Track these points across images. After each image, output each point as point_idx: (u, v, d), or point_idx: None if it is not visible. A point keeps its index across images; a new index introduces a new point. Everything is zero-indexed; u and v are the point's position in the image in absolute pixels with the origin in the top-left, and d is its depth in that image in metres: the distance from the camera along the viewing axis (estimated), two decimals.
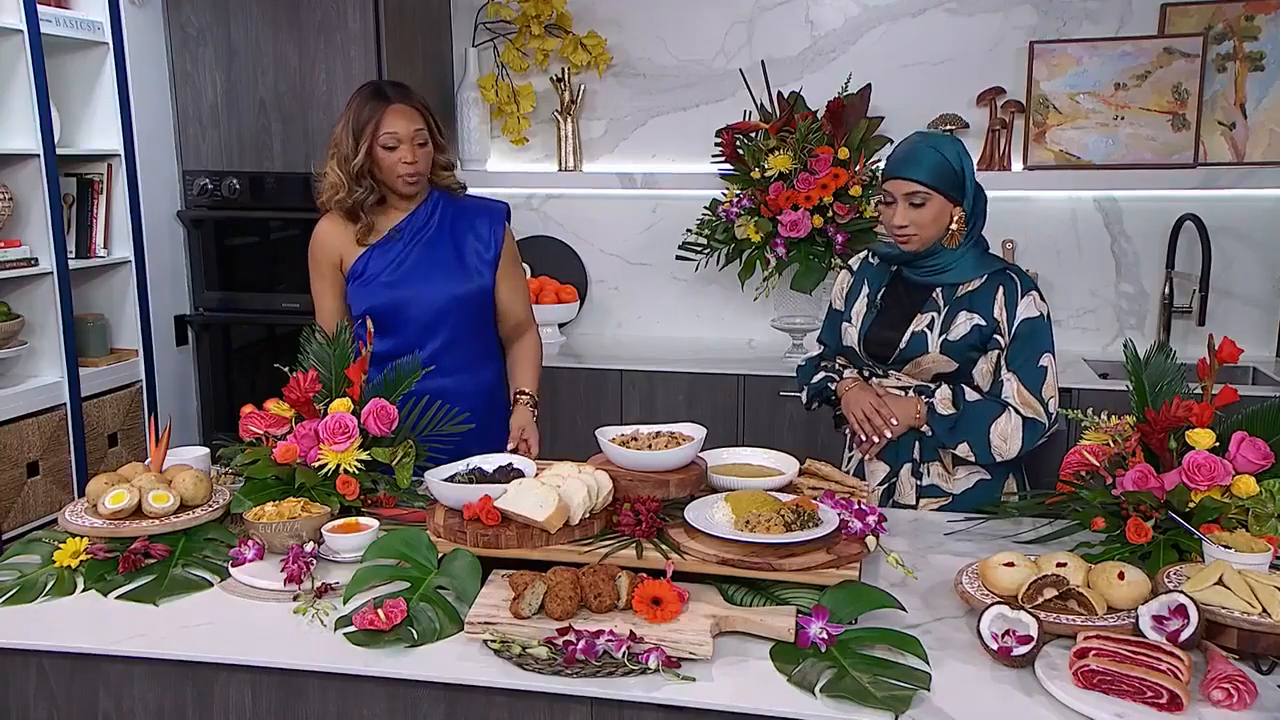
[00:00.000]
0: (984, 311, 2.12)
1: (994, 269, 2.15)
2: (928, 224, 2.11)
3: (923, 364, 2.15)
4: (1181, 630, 1.40)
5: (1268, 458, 1.70)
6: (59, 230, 3.10)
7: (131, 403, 3.44)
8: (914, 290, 2.20)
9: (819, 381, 2.33)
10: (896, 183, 2.11)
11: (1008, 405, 2.11)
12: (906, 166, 2.10)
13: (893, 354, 2.18)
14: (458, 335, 2.35)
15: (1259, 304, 3.55)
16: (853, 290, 2.31)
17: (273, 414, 2.02)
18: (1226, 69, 3.44)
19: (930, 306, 2.16)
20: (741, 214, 3.46)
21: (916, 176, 2.09)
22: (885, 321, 2.21)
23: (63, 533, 1.85)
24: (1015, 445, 2.10)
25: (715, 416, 3.42)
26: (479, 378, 2.40)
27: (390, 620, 1.52)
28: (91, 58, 3.31)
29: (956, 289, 2.15)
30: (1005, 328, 2.12)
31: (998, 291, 2.13)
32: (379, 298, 2.31)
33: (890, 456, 2.22)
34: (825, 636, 1.45)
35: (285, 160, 3.60)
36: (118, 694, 1.57)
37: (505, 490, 1.71)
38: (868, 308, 2.24)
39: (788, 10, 3.72)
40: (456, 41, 3.96)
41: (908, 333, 2.16)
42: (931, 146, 2.11)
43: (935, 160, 2.09)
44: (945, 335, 2.13)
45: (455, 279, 2.34)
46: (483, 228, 2.38)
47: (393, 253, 2.33)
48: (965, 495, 2.18)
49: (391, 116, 2.23)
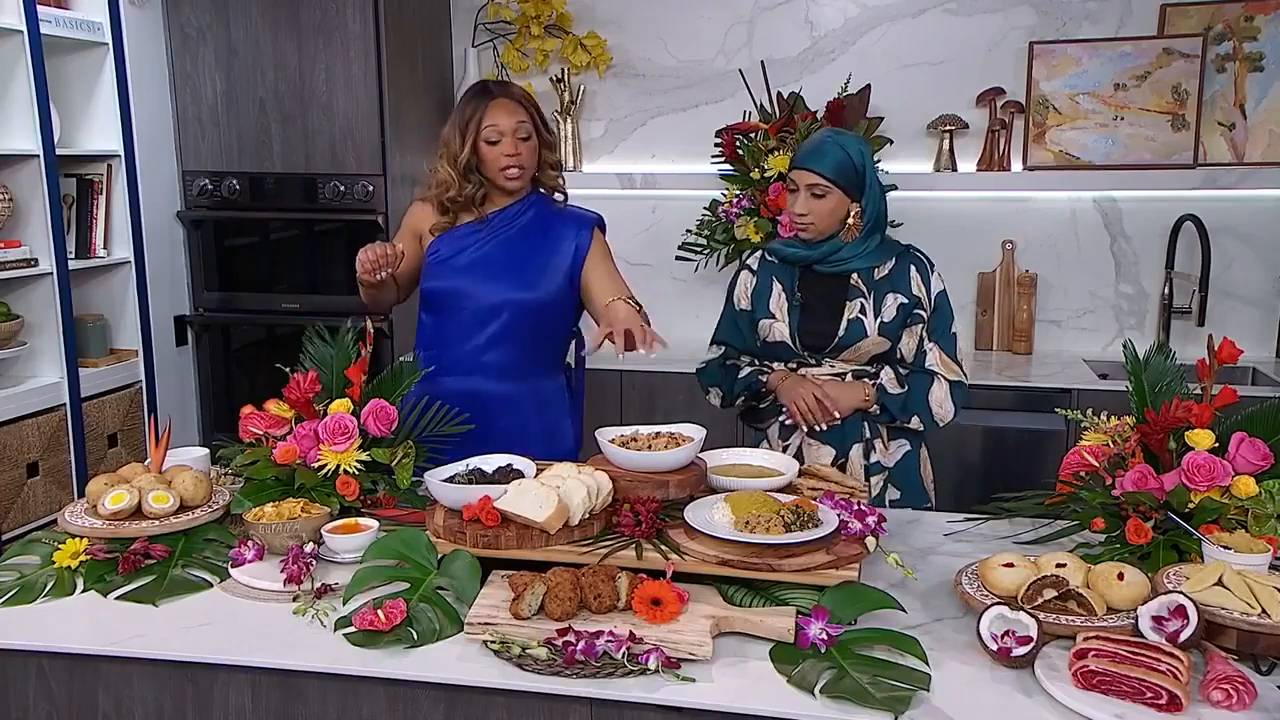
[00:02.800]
0: (904, 290, 2.25)
1: (899, 251, 2.29)
2: (825, 215, 2.22)
3: (862, 348, 2.24)
4: (1181, 631, 1.40)
5: (1267, 458, 1.70)
6: (59, 231, 3.10)
7: (131, 403, 3.44)
8: (830, 280, 2.27)
9: (747, 377, 2.35)
10: (801, 173, 2.21)
11: (934, 373, 2.26)
12: (811, 159, 2.20)
13: (829, 343, 2.25)
14: (507, 339, 2.33)
15: (1258, 304, 3.55)
16: (760, 289, 2.34)
17: (272, 414, 2.02)
18: (1226, 69, 3.44)
19: (855, 294, 2.25)
20: (741, 214, 3.46)
21: (819, 169, 2.19)
22: (814, 314, 2.27)
23: (62, 533, 1.84)
24: (950, 408, 2.26)
25: (715, 417, 3.41)
26: (524, 386, 2.36)
27: (390, 621, 1.52)
28: (91, 58, 3.31)
29: (873, 273, 2.26)
30: (926, 302, 2.26)
31: (911, 270, 2.27)
32: (441, 280, 2.32)
33: (836, 440, 2.27)
34: (825, 637, 1.45)
35: (285, 160, 3.60)
36: (117, 694, 1.57)
37: (505, 491, 1.71)
38: (789, 304, 2.28)
39: (787, 11, 3.72)
40: (456, 42, 3.97)
41: (843, 321, 2.24)
42: (838, 144, 2.21)
43: (839, 157, 2.20)
44: (881, 318, 2.23)
45: (519, 283, 2.31)
46: (567, 239, 2.36)
47: (469, 241, 2.33)
48: (898, 466, 2.32)
49: (493, 110, 2.25)
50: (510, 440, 2.03)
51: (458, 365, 2.33)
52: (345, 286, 3.71)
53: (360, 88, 3.50)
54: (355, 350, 2.10)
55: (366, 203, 3.55)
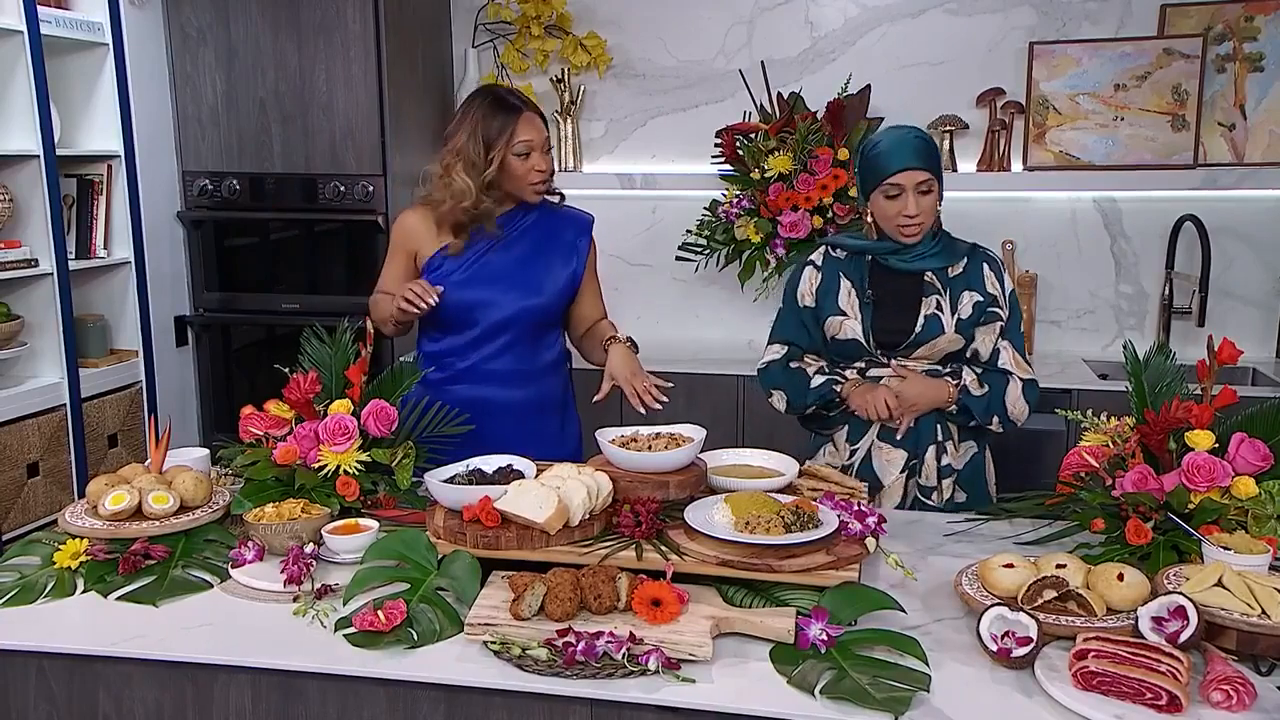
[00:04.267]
0: (979, 288, 2.22)
1: (968, 248, 2.27)
2: (930, 211, 2.18)
3: (938, 345, 2.20)
4: (1181, 631, 1.40)
5: (1267, 459, 1.70)
6: (59, 231, 3.10)
7: (131, 404, 3.44)
8: (903, 277, 2.23)
9: (821, 387, 2.26)
10: (908, 174, 2.13)
11: (1009, 373, 2.23)
12: (913, 156, 2.14)
13: (904, 340, 2.21)
14: (516, 345, 2.33)
15: (1259, 305, 3.55)
16: (826, 286, 2.28)
17: (273, 415, 2.02)
18: (1226, 70, 3.44)
19: (930, 290, 2.21)
20: (741, 215, 3.46)
21: (926, 165, 2.14)
22: (888, 311, 2.22)
23: (63, 534, 1.84)
24: (1024, 407, 2.22)
25: (715, 418, 3.42)
26: (531, 390, 2.36)
27: (390, 621, 1.52)
28: (91, 58, 3.31)
29: (947, 270, 2.23)
30: (1002, 300, 2.24)
31: (984, 268, 2.25)
32: (451, 295, 2.28)
33: (909, 444, 2.23)
34: (825, 638, 1.45)
35: (285, 161, 3.60)
36: (117, 695, 1.57)
37: (505, 491, 1.71)
38: (861, 300, 2.24)
39: (787, 11, 3.72)
40: (456, 42, 3.97)
41: (920, 318, 2.20)
42: (921, 136, 2.19)
43: (932, 148, 2.18)
44: (958, 315, 2.20)
45: (529, 288, 2.31)
46: (567, 238, 2.36)
47: (470, 252, 2.31)
48: (965, 469, 2.28)
49: (524, 125, 2.24)
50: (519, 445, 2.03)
51: (468, 374, 2.34)
52: (345, 287, 3.73)
53: (360, 88, 3.50)
54: (354, 350, 2.10)
55: (366, 203, 3.55)
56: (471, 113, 2.26)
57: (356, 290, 3.62)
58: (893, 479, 2.24)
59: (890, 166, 2.15)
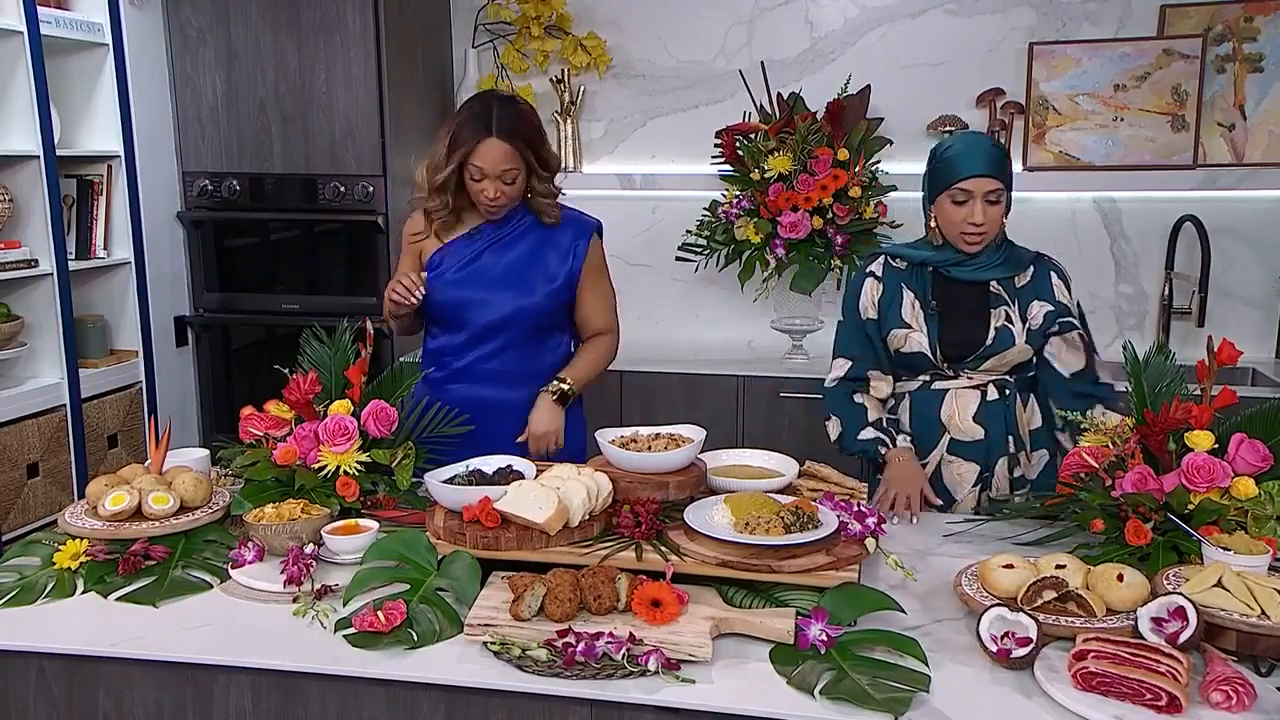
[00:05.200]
0: (1048, 298, 2.18)
1: (1033, 257, 2.23)
2: (996, 221, 2.13)
3: (1008, 356, 2.17)
4: (1180, 632, 1.40)
5: (1266, 459, 1.70)
6: (59, 231, 3.10)
7: (131, 404, 3.44)
8: (968, 287, 2.18)
9: (867, 443, 2.22)
10: (978, 180, 2.09)
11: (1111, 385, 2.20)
12: (985, 163, 2.10)
13: (972, 352, 2.17)
14: (514, 345, 2.33)
15: (1258, 305, 3.55)
16: (888, 298, 2.23)
17: (272, 415, 2.02)
18: (1226, 70, 3.44)
19: (998, 301, 2.18)
20: (741, 215, 3.46)
21: (996, 173, 2.10)
22: (954, 322, 2.18)
23: (62, 534, 1.84)
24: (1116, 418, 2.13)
25: (715, 418, 3.42)
26: (528, 391, 2.35)
27: (390, 622, 1.52)
28: (91, 59, 3.31)
29: (1014, 280, 2.19)
30: (1073, 311, 2.20)
31: (1051, 277, 2.21)
32: (444, 293, 2.30)
33: (979, 455, 2.19)
34: (825, 638, 1.45)
35: (285, 161, 3.60)
36: (117, 695, 1.58)
37: (505, 492, 1.71)
38: (926, 312, 2.19)
39: (787, 11, 3.72)
40: (456, 43, 3.96)
41: (991, 330, 2.16)
42: (995, 145, 2.15)
43: (1001, 157, 2.13)
44: (1028, 325, 2.16)
45: (523, 289, 2.31)
46: (565, 241, 2.34)
47: (468, 250, 2.31)
48: (1040, 478, 2.23)
49: (485, 150, 2.16)
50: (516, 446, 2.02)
51: (465, 374, 2.33)
52: (345, 287, 3.73)
53: (360, 88, 3.50)
54: (354, 351, 2.10)
55: (366, 203, 3.55)
56: (459, 114, 2.26)
57: (356, 291, 3.63)
58: (965, 493, 2.20)
59: (961, 171, 2.10)
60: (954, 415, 2.20)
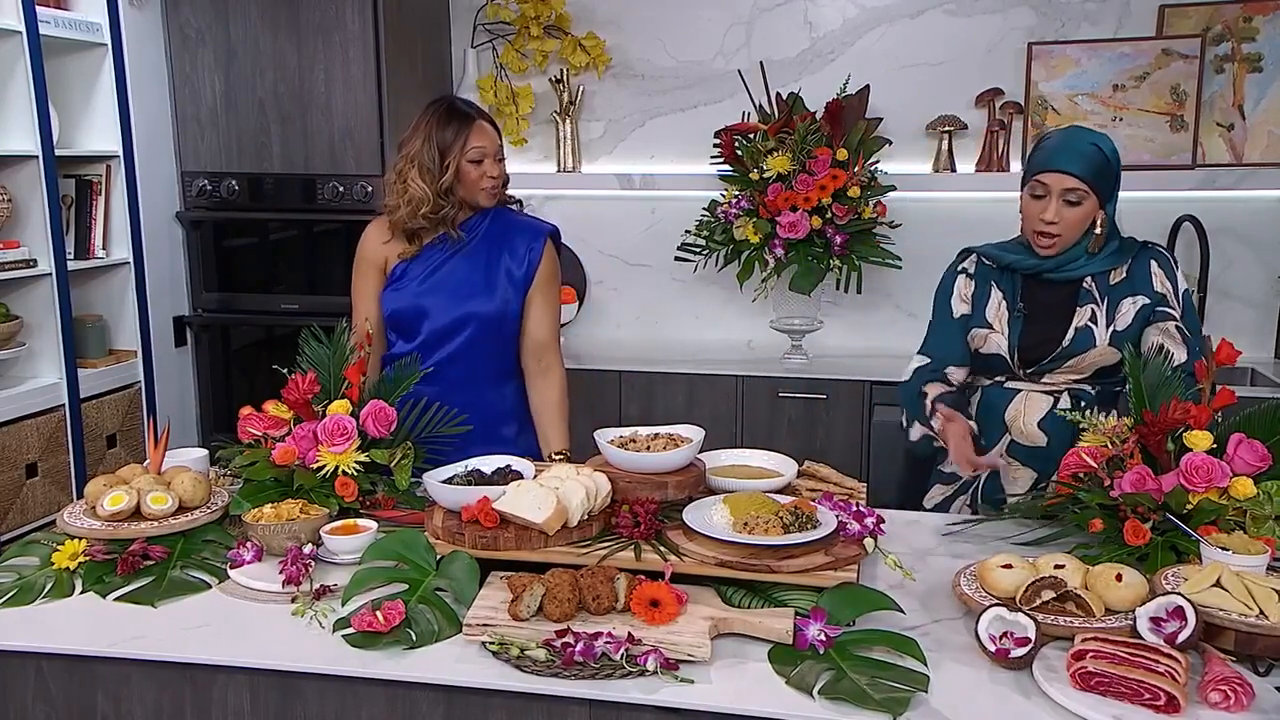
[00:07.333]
0: (1145, 290, 2.07)
1: (1136, 249, 2.11)
2: (1074, 225, 2.03)
3: (1087, 359, 2.07)
4: (1179, 632, 1.40)
5: (1265, 459, 1.71)
6: (58, 231, 3.10)
7: (130, 404, 3.44)
8: (1058, 286, 2.10)
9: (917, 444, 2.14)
10: (1055, 176, 2.01)
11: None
12: (1067, 159, 2.01)
13: (1049, 354, 2.08)
14: (469, 352, 2.34)
15: (1257, 305, 3.55)
16: (979, 294, 2.17)
17: (271, 415, 2.02)
18: (1225, 70, 3.44)
19: (1086, 299, 2.08)
20: (740, 215, 3.46)
21: (1079, 172, 2.00)
22: (1037, 325, 2.10)
23: (61, 534, 1.84)
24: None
25: (714, 418, 3.43)
26: (484, 398, 2.36)
27: (389, 622, 1.52)
28: (90, 59, 3.31)
29: (1109, 276, 2.08)
30: (1174, 300, 2.07)
31: (1151, 265, 2.09)
32: (404, 301, 2.34)
33: (1038, 463, 2.13)
34: (823, 638, 1.45)
35: (284, 161, 3.60)
36: (116, 696, 1.57)
37: (504, 492, 1.71)
38: (1011, 314, 2.12)
39: (786, 11, 3.72)
40: (455, 43, 3.97)
41: (1070, 330, 2.06)
42: (1092, 142, 2.04)
43: (1097, 158, 2.02)
44: (1114, 326, 2.06)
45: (479, 295, 2.33)
46: (520, 246, 2.37)
47: (431, 260, 2.35)
48: None
49: (477, 132, 2.29)
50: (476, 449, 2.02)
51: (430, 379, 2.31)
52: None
53: (360, 88, 3.50)
54: (353, 351, 2.10)
55: (365, 203, 3.54)
56: (426, 120, 2.31)
57: None
58: (1018, 496, 2.15)
59: (1042, 164, 2.03)
60: (1019, 418, 2.14)
